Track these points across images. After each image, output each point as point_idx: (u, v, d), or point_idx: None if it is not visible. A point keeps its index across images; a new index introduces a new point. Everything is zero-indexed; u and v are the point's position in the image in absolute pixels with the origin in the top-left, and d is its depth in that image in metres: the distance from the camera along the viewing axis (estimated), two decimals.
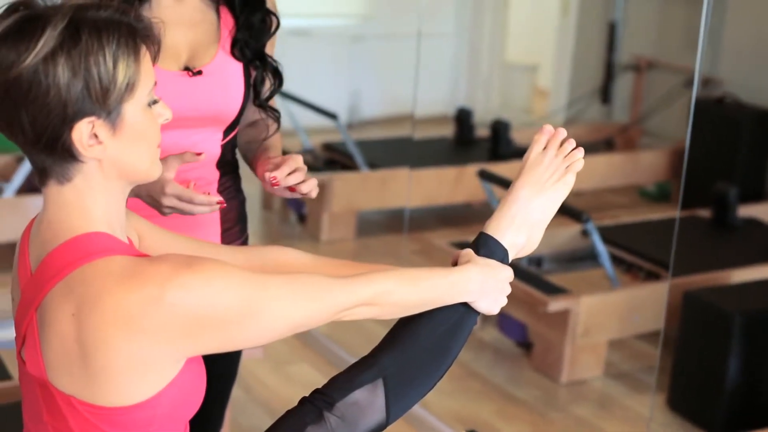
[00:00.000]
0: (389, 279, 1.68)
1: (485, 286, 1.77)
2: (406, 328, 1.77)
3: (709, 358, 3.84)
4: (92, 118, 1.49)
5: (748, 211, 5.30)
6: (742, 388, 3.78)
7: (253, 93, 2.30)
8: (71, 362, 1.47)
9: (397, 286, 1.68)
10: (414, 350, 1.75)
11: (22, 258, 1.61)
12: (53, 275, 1.50)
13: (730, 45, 6.52)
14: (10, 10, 1.51)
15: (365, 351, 1.75)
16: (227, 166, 2.32)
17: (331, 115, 6.08)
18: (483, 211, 6.12)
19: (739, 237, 5.10)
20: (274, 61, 2.32)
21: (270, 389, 4.02)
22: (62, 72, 1.46)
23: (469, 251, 1.81)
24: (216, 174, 2.29)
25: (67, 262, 1.50)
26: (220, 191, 2.30)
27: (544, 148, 1.87)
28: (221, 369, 2.39)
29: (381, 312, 1.69)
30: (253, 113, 2.35)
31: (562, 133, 1.88)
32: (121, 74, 1.50)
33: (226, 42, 2.24)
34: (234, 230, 2.36)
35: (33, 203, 4.90)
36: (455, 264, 1.81)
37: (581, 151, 1.87)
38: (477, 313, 1.80)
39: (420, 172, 5.77)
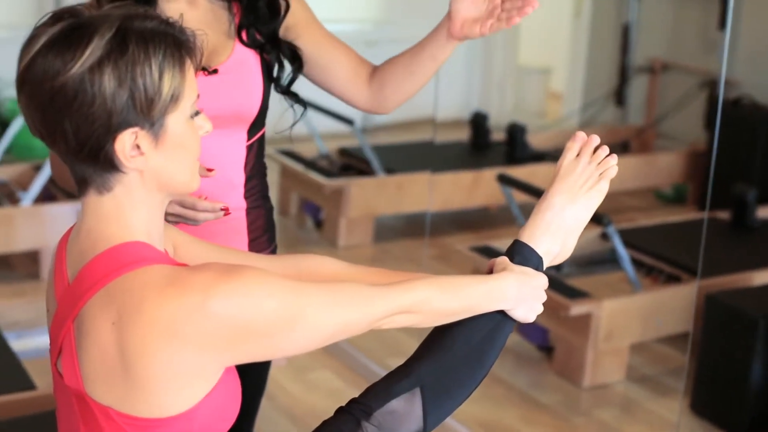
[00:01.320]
0: (428, 287, 1.67)
1: (522, 294, 1.76)
2: (442, 336, 1.76)
3: (732, 361, 3.83)
4: (136, 129, 1.49)
5: (767, 212, 5.28)
6: (766, 391, 3.77)
7: (273, 79, 2.28)
8: (110, 372, 1.47)
9: (436, 294, 1.67)
10: (451, 359, 1.74)
11: (59, 268, 1.60)
12: (92, 285, 1.50)
13: (747, 46, 6.50)
14: (56, 17, 1.51)
15: (387, 358, 1.75)
16: (254, 169, 2.30)
17: (348, 121, 6.07)
18: (500, 215, 6.11)
19: (759, 239, 5.09)
20: (290, 44, 2.29)
21: (292, 396, 4.02)
22: (108, 81, 1.45)
23: (505, 259, 1.80)
24: (242, 177, 2.27)
25: (106, 271, 1.50)
26: (246, 197, 2.29)
27: (577, 155, 1.87)
28: (251, 381, 2.38)
29: (420, 320, 1.68)
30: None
31: (595, 139, 1.87)
32: (167, 86, 1.49)
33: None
34: (262, 239, 2.34)
35: (50, 212, 4.91)
36: (490, 272, 1.80)
37: (614, 157, 1.87)
38: (513, 320, 1.79)
39: (437, 176, 5.77)
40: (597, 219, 4.46)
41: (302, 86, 2.39)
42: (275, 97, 2.33)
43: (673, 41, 7.33)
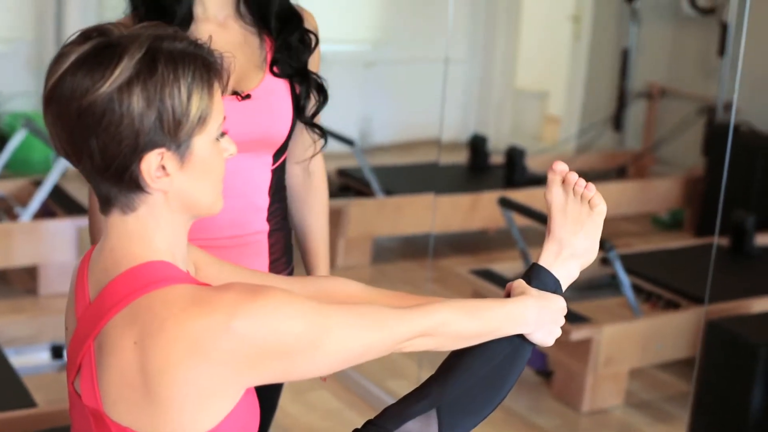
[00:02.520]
0: (448, 310, 1.67)
1: (541, 318, 1.77)
2: (460, 359, 1.76)
3: (732, 389, 3.83)
4: (162, 150, 1.49)
5: (765, 239, 5.28)
6: (765, 418, 3.76)
7: (298, 109, 2.30)
8: (131, 391, 1.46)
9: (456, 317, 1.67)
10: (468, 382, 1.74)
11: (81, 286, 1.59)
12: (115, 303, 1.49)
13: (746, 73, 6.51)
14: (85, 36, 1.51)
15: (386, 379, 1.75)
16: (277, 193, 2.32)
17: (348, 142, 6.08)
18: (498, 238, 6.12)
19: (758, 265, 5.09)
20: (318, 77, 2.32)
21: (291, 417, 4.00)
22: (137, 102, 1.45)
23: (522, 282, 1.81)
24: (266, 201, 2.29)
25: (129, 290, 1.49)
26: (269, 219, 2.30)
27: (563, 181, 1.86)
28: (265, 402, 2.38)
29: (439, 343, 1.68)
30: (299, 132, 2.35)
31: (573, 176, 1.85)
32: (195, 107, 1.49)
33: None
34: (281, 261, 2.35)
35: (49, 228, 4.91)
36: (508, 295, 1.80)
37: (591, 188, 1.84)
38: (531, 344, 1.79)
39: (436, 198, 5.77)
40: (600, 244, 4.46)
41: None
42: None
43: (671, 67, 7.36)
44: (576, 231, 1.83)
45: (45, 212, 5.18)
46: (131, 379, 1.46)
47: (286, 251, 2.37)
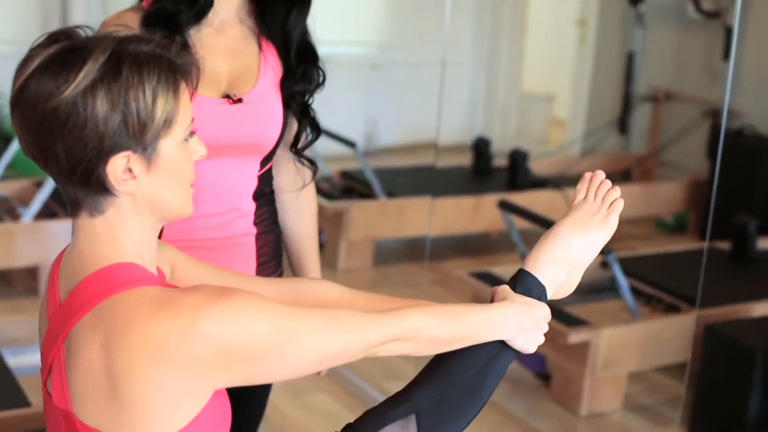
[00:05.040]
0: (423, 314, 1.66)
1: (522, 324, 1.75)
2: (441, 363, 1.76)
3: (730, 393, 3.82)
4: (128, 153, 1.49)
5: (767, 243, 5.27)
6: (763, 422, 3.75)
7: (293, 141, 2.32)
8: (98, 393, 1.46)
9: (431, 322, 1.66)
10: (448, 387, 1.73)
11: (52, 288, 1.60)
12: (82, 305, 1.49)
13: (750, 77, 6.51)
14: (51, 39, 1.51)
15: (384, 381, 1.75)
16: (263, 197, 2.32)
17: (350, 144, 6.08)
18: (501, 241, 6.11)
19: (759, 270, 5.08)
20: (314, 112, 2.34)
21: (288, 419, 4.00)
22: (101, 105, 1.45)
23: (506, 288, 1.80)
24: (252, 206, 2.29)
25: (96, 292, 1.49)
26: (257, 223, 2.31)
27: (587, 193, 1.88)
28: (252, 405, 2.39)
29: (415, 348, 1.67)
30: (287, 161, 2.36)
31: (600, 175, 1.87)
32: (160, 110, 1.49)
33: (267, 73, 2.25)
34: (270, 264, 2.35)
35: (51, 228, 4.91)
36: (492, 300, 1.79)
37: (617, 190, 1.86)
38: (513, 350, 1.78)
39: (438, 201, 5.77)
40: None
41: None
42: None
43: (676, 71, 7.35)
44: (579, 231, 1.83)
45: (46, 213, 5.19)
46: (98, 381, 1.45)
47: (275, 254, 2.37)
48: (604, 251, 4.38)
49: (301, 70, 2.27)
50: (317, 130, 2.36)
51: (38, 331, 1.65)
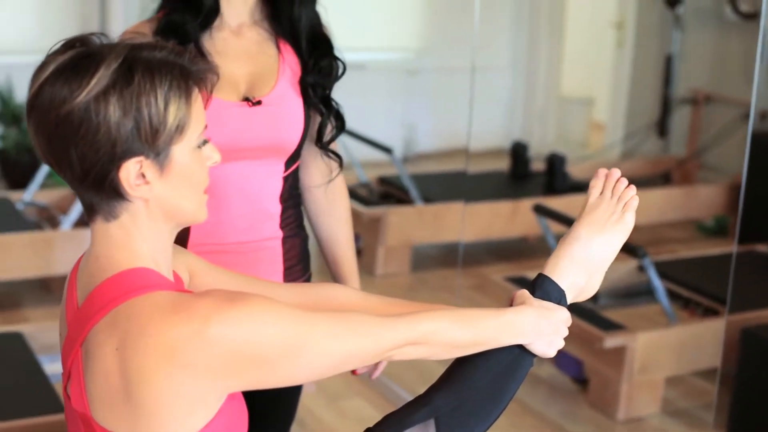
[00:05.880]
0: (439, 318, 1.66)
1: (540, 328, 1.74)
2: (460, 368, 1.75)
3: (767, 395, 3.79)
4: (140, 158, 1.50)
5: None
6: None
7: (317, 136, 2.32)
8: (114, 397, 1.47)
9: (447, 326, 1.66)
10: (468, 391, 1.73)
11: (70, 293, 1.62)
12: (98, 310, 1.51)
13: None
14: (67, 46, 1.53)
15: (420, 386, 1.74)
16: (290, 200, 2.33)
17: (387, 150, 6.08)
18: (538, 246, 6.09)
19: None
20: (337, 104, 2.33)
21: (324, 424, 4.01)
22: (113, 111, 1.46)
23: (525, 292, 1.79)
24: (278, 207, 2.29)
25: (112, 296, 1.51)
26: (283, 227, 2.31)
27: (602, 191, 1.87)
28: (282, 409, 2.39)
29: (431, 352, 1.67)
30: (314, 156, 2.36)
31: (616, 173, 1.86)
32: (172, 116, 1.50)
33: (286, 74, 2.25)
34: (297, 268, 2.35)
35: (89, 236, 4.93)
36: (511, 305, 1.79)
37: (633, 188, 1.85)
38: (533, 355, 1.77)
39: (475, 206, 5.76)
40: (632, 251, 4.44)
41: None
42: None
43: (715, 72, 7.29)
44: (597, 233, 1.82)
45: (85, 220, 5.23)
46: (114, 385, 1.47)
47: (301, 258, 2.37)
48: (640, 254, 4.37)
49: (312, 61, 2.27)
50: (341, 122, 2.35)
51: (59, 336, 1.67)
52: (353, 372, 2.12)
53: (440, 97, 8.40)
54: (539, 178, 6.67)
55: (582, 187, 6.39)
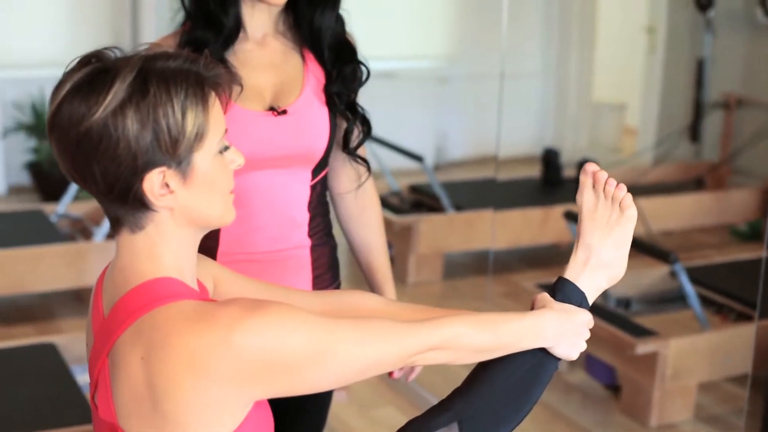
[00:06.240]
0: (460, 323, 1.66)
1: (562, 331, 1.75)
2: (483, 372, 1.76)
3: None
4: (162, 168, 1.51)
5: None
6: None
7: (343, 142, 2.33)
8: (141, 406, 1.49)
9: (469, 330, 1.67)
10: (491, 394, 1.73)
11: (96, 303, 1.64)
12: (124, 319, 1.52)
13: None
14: (82, 62, 1.54)
15: None
16: (318, 208, 2.34)
17: (417, 158, 6.09)
18: (570, 253, 6.04)
19: None
20: (362, 109, 2.34)
21: None
22: (131, 124, 1.48)
23: (545, 295, 1.79)
24: (306, 216, 2.30)
25: (137, 306, 1.52)
26: (311, 235, 2.32)
27: (594, 187, 1.84)
28: (312, 417, 2.40)
29: (454, 357, 1.67)
30: (342, 162, 2.37)
31: (603, 175, 1.82)
32: (190, 124, 1.51)
33: (311, 82, 2.27)
34: (325, 277, 2.36)
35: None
36: (533, 309, 1.79)
37: (622, 188, 1.81)
38: (557, 358, 1.77)
39: (506, 213, 5.75)
40: (664, 256, 4.43)
41: (374, 124, 2.42)
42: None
43: (748, 76, 7.26)
44: (604, 237, 1.81)
45: None
46: (140, 394, 1.48)
47: (331, 266, 2.38)
48: (671, 260, 4.35)
49: (336, 71, 2.28)
50: (368, 126, 2.35)
51: (86, 346, 1.69)
52: (390, 375, 2.13)
53: (471, 105, 8.40)
54: (571, 185, 6.64)
55: None
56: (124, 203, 1.54)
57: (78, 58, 1.56)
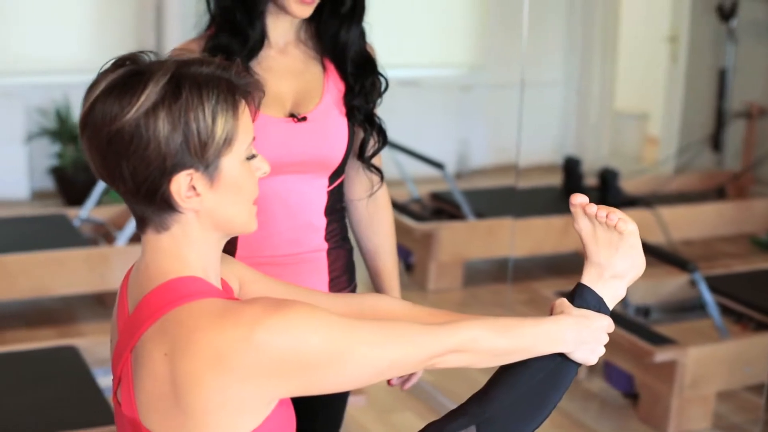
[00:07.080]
0: (479, 327, 1.68)
1: (580, 336, 1.75)
2: (501, 376, 1.77)
3: None
4: (190, 171, 1.54)
5: None
6: None
7: (359, 150, 2.36)
8: (164, 402, 1.51)
9: (487, 334, 1.68)
10: (509, 398, 1.74)
11: (121, 301, 1.66)
12: (148, 317, 1.55)
13: None
14: (117, 64, 1.57)
15: None
16: (334, 213, 2.38)
17: (439, 165, 6.10)
18: None
19: None
20: (380, 119, 2.38)
21: None
22: (162, 126, 1.51)
23: (564, 301, 1.80)
24: (323, 221, 2.34)
25: (161, 304, 1.55)
26: (327, 239, 2.36)
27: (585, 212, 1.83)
28: (326, 416, 2.42)
29: (473, 360, 1.69)
30: (357, 170, 2.40)
31: (591, 208, 1.78)
32: (220, 129, 1.54)
33: (331, 91, 2.30)
34: (342, 279, 2.40)
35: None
36: (551, 314, 1.80)
37: (614, 214, 1.77)
38: (576, 363, 1.78)
39: (527, 221, 5.76)
40: (683, 265, 4.43)
41: (396, 131, 2.44)
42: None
43: None
44: (612, 254, 1.79)
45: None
46: (163, 390, 1.51)
47: (347, 269, 2.42)
48: (690, 269, 4.35)
49: (358, 85, 2.31)
50: (383, 137, 2.39)
51: (110, 343, 1.71)
52: (388, 382, 2.15)
53: (494, 113, 8.41)
54: (592, 193, 6.65)
55: (635, 202, 6.37)
56: (151, 203, 1.57)
57: (113, 60, 1.59)
